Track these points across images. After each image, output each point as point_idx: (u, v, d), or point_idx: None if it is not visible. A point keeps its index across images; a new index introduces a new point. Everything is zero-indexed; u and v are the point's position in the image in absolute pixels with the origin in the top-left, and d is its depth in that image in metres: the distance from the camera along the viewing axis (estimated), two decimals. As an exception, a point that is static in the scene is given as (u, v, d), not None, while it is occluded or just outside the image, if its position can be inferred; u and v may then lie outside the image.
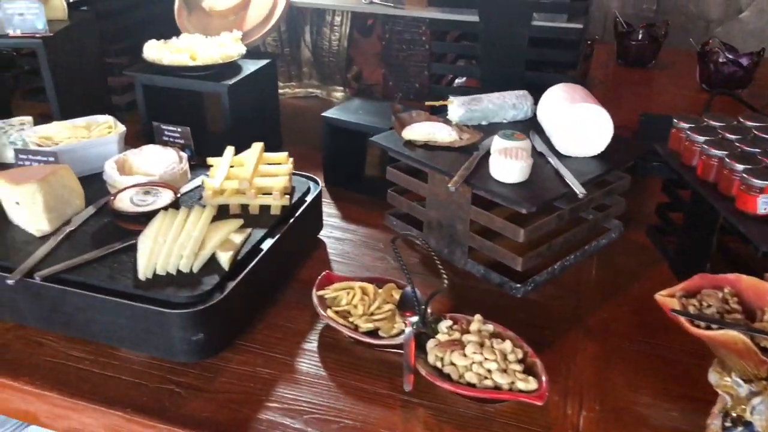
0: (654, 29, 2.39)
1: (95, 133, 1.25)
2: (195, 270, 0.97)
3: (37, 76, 1.76)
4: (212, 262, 0.99)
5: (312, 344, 1.02)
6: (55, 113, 1.48)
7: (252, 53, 1.52)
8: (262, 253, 1.04)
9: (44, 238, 1.06)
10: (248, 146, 1.22)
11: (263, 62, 1.51)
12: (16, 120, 1.33)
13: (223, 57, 1.41)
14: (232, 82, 1.39)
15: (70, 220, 1.10)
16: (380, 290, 1.05)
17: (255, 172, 1.14)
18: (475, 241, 1.16)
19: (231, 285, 0.96)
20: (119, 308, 0.92)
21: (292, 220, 1.13)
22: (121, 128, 1.27)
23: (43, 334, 1.02)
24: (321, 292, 1.06)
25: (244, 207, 1.14)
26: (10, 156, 1.29)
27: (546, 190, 1.09)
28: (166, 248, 0.97)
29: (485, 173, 1.13)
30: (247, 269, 1.00)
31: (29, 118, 1.34)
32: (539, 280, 1.16)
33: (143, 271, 0.96)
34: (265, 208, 1.14)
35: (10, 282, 0.94)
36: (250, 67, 1.47)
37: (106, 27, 1.69)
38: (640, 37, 2.37)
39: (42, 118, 1.41)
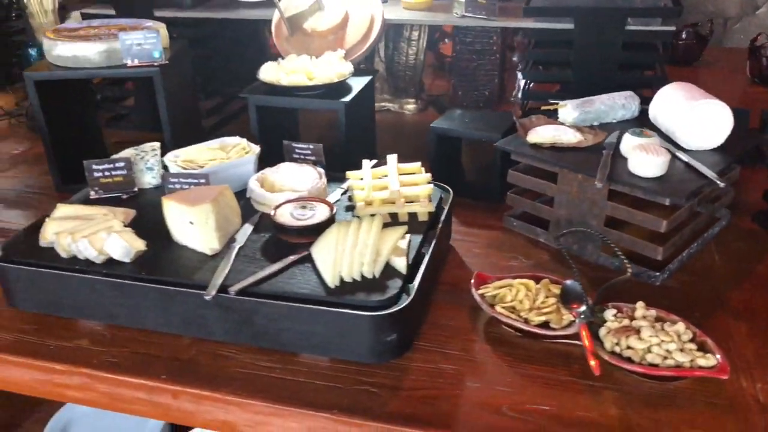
0: (699, 28, 2.47)
1: (233, 154, 1.31)
2: (377, 275, 1.03)
3: (117, 104, 1.83)
4: (386, 267, 1.05)
5: (479, 340, 1.08)
6: (167, 139, 1.54)
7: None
8: (427, 256, 1.09)
9: (215, 255, 1.11)
10: (358, 160, 1.29)
11: (367, 79, 1.57)
12: (147, 146, 1.39)
13: (338, 76, 1.47)
14: (348, 99, 1.45)
15: (233, 237, 1.15)
16: (538, 285, 1.11)
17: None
18: (611, 235, 1.22)
19: (414, 287, 1.01)
20: (315, 315, 0.98)
21: (440, 225, 1.19)
22: (256, 149, 1.32)
23: (225, 347, 1.06)
24: (481, 291, 1.11)
25: (392, 216, 1.19)
26: (147, 181, 1.34)
27: (685, 182, 1.15)
28: (347, 257, 1.03)
29: (620, 170, 1.19)
30: (421, 272, 1.05)
31: (157, 144, 1.39)
32: (672, 269, 1.22)
33: (331, 279, 1.01)
34: (411, 216, 1.20)
35: (207, 298, 0.99)
36: (358, 84, 1.53)
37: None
38: (685, 36, 2.45)
39: (128, 144, 1.46)
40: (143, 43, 1.47)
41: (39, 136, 1.93)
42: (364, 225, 1.07)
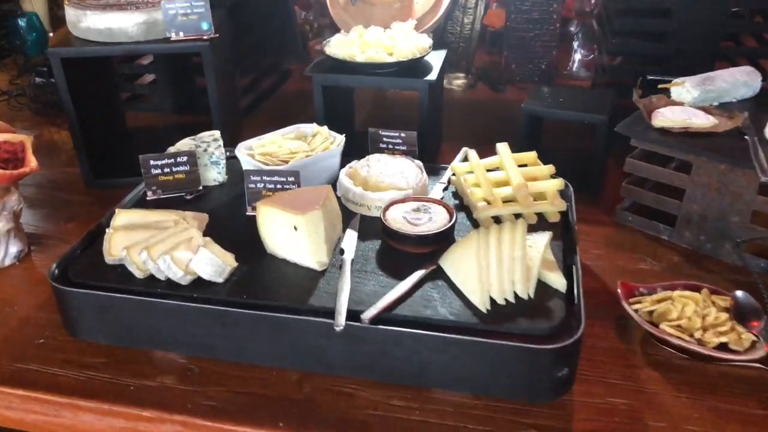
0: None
1: (316, 145, 1.11)
2: (531, 295, 0.86)
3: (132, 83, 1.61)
4: (537, 284, 0.88)
5: (642, 365, 0.92)
6: (216, 123, 1.33)
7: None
8: (579, 268, 0.92)
9: (324, 271, 0.92)
10: (433, 147, 1.11)
11: (442, 54, 1.38)
12: (206, 135, 1.18)
13: (420, 50, 1.27)
14: (433, 77, 1.26)
15: (338, 247, 0.96)
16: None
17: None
18: (757, 233, 1.07)
19: (582, 310, 0.84)
20: (470, 347, 0.80)
21: (575, 227, 1.02)
22: (340, 138, 1.13)
23: (343, 381, 0.89)
24: (635, 306, 0.95)
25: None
26: (212, 177, 1.14)
27: None
28: (494, 273, 0.85)
29: (776, 159, 1.04)
30: (578, 289, 0.88)
31: (217, 133, 1.19)
32: (826, 269, 1.08)
33: (481, 302, 0.84)
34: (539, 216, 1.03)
35: (338, 329, 0.81)
36: (436, 60, 1.34)
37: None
38: None
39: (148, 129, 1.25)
40: (189, 12, 1.26)
41: (47, 120, 1.71)
42: (506, 233, 0.89)
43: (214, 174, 1.13)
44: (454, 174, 1.12)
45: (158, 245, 0.92)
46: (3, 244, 1.11)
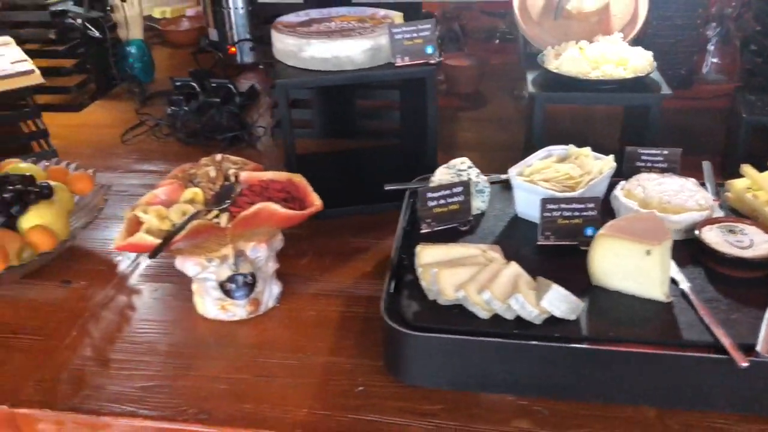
0: None
1: (591, 168, 1.08)
2: None
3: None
4: None
5: None
6: (429, 150, 1.30)
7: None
8: None
9: (669, 302, 0.90)
10: None
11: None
12: (457, 163, 1.15)
13: (650, 64, 1.25)
14: (667, 91, 1.24)
15: (664, 274, 0.94)
16: None
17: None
18: None
19: None
20: None
21: None
22: (609, 159, 1.10)
23: (713, 417, 0.85)
24: None
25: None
26: (476, 206, 1.12)
27: None
28: None
29: None
30: None
31: (467, 160, 1.16)
32: None
33: None
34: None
35: (744, 365, 0.78)
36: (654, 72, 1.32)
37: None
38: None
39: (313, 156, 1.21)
40: (415, 36, 1.22)
41: (202, 150, 1.65)
42: None
43: (478, 203, 1.10)
44: (728, 191, 1.10)
45: (495, 283, 0.88)
46: (268, 285, 1.07)
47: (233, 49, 2.19)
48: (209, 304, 1.05)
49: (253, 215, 0.96)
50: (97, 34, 1.91)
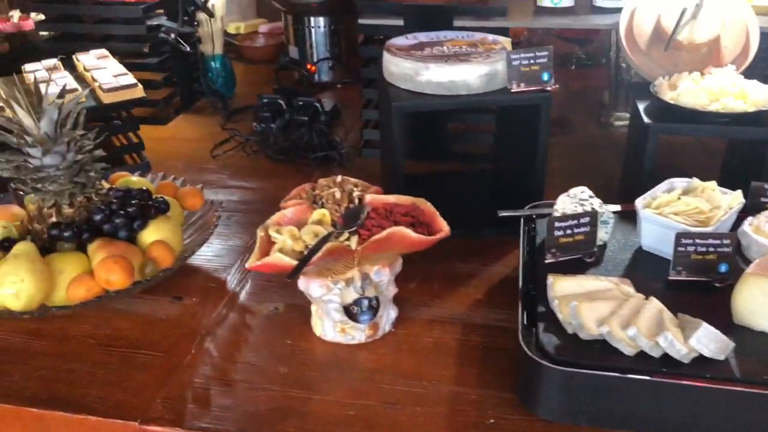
0: None
1: (720, 203, 1.06)
2: None
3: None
4: None
5: None
6: (537, 176, 1.28)
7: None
8: None
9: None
10: None
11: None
12: (578, 192, 1.13)
13: (770, 97, 1.23)
14: (787, 126, 1.21)
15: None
16: None
17: None
18: None
19: None
20: None
21: None
22: (737, 194, 1.08)
23: None
24: None
25: None
26: (600, 237, 1.09)
27: None
28: None
29: None
30: None
31: (587, 189, 1.14)
32: None
33: None
34: None
35: None
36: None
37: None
38: None
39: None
40: (533, 63, 1.21)
41: (295, 168, 1.66)
42: None
43: (601, 234, 1.08)
44: None
45: (640, 319, 0.86)
46: (386, 309, 1.06)
47: (313, 67, 2.21)
48: (328, 326, 1.04)
49: (385, 239, 0.95)
50: (188, 48, 1.93)
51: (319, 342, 1.07)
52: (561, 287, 0.94)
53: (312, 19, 2.21)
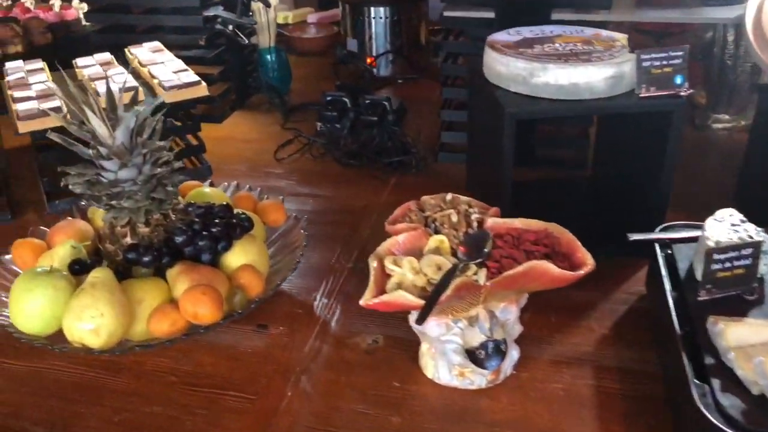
0: None
1: None
2: None
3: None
4: None
5: None
6: (665, 192, 1.13)
7: None
8: None
9: None
10: None
11: None
12: (726, 214, 0.98)
13: None
14: None
15: None
16: None
17: None
18: None
19: None
20: None
21: None
22: None
23: None
24: None
25: None
26: (760, 270, 0.93)
27: None
28: None
29: None
30: None
31: (735, 212, 0.99)
32: None
33: None
34: None
35: None
36: None
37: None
38: None
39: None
40: (665, 64, 1.06)
41: (368, 173, 1.51)
42: None
43: (761, 266, 0.93)
44: None
45: None
46: (510, 349, 0.92)
47: (374, 61, 2.06)
48: (443, 368, 0.91)
49: (521, 274, 0.81)
50: (246, 41, 1.79)
51: (431, 386, 0.93)
52: (734, 335, 0.80)
53: (372, 9, 2.05)
